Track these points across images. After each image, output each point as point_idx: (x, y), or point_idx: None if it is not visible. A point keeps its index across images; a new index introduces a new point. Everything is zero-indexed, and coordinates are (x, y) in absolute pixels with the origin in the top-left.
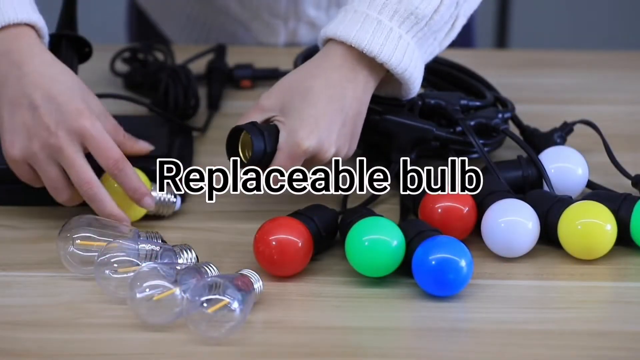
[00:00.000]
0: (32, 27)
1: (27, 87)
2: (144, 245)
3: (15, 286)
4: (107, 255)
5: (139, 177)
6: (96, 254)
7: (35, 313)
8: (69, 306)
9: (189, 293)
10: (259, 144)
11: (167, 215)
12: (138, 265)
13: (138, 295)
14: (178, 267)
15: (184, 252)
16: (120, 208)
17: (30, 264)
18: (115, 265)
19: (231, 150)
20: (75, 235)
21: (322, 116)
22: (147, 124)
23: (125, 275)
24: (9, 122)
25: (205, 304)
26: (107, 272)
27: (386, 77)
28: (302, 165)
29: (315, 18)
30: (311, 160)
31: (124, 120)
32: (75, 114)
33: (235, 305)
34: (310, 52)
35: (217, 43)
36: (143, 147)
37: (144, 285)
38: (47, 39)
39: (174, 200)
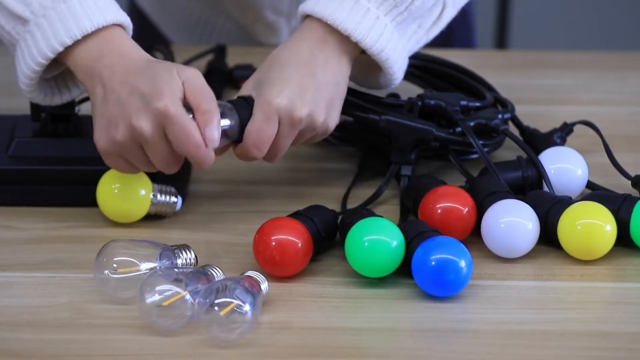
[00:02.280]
0: (119, 25)
1: (116, 85)
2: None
3: (16, 287)
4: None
5: (218, 136)
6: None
7: (35, 313)
8: (69, 307)
9: (199, 297)
10: (239, 114)
11: (168, 215)
12: (137, 265)
13: (147, 300)
14: (183, 271)
15: (183, 252)
16: (121, 211)
17: (30, 265)
18: (114, 265)
19: None
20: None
21: (290, 78)
22: None
23: (125, 275)
24: (100, 119)
25: (217, 307)
26: (106, 272)
27: (366, 63)
28: (282, 133)
29: None
30: (285, 124)
31: None
32: (157, 93)
33: (247, 307)
34: None
35: (217, 44)
36: (208, 134)
37: (154, 290)
38: (131, 33)
39: (175, 200)
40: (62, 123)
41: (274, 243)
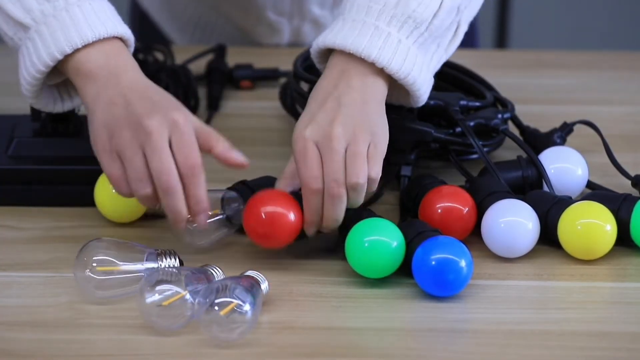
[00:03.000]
0: (119, 38)
1: (124, 89)
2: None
3: (15, 286)
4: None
5: (206, 192)
6: (114, 277)
7: (35, 313)
8: (69, 306)
9: (199, 296)
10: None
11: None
12: (118, 265)
13: (147, 300)
14: (184, 271)
15: (168, 257)
16: (118, 211)
17: (30, 264)
18: (94, 264)
19: None
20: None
21: (317, 111)
22: None
23: (106, 277)
24: (102, 119)
25: (217, 307)
26: (87, 272)
27: (392, 84)
28: (326, 158)
29: (320, 17)
30: (325, 148)
31: None
32: (172, 106)
33: (247, 307)
34: (309, 54)
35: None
36: (237, 158)
37: (154, 289)
38: (133, 47)
39: None
40: (62, 123)
41: (264, 215)
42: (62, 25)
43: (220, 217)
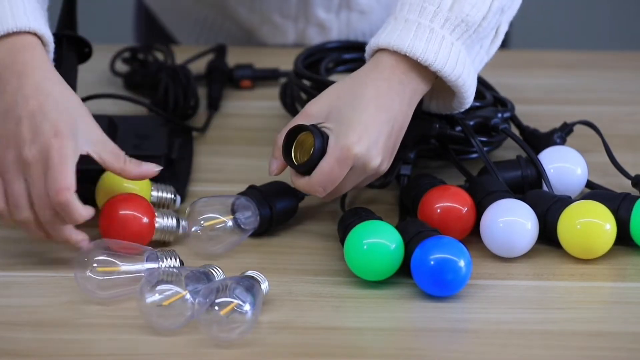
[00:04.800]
0: (36, 35)
1: (20, 99)
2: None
3: (15, 286)
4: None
5: (78, 219)
6: (115, 277)
7: (35, 313)
8: (69, 306)
9: (199, 296)
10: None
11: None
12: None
13: (147, 300)
14: (185, 271)
15: (167, 258)
16: None
17: (30, 264)
18: (95, 265)
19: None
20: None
21: (371, 124)
22: (146, 124)
23: (106, 277)
24: None
25: (217, 307)
26: (88, 272)
27: (437, 89)
28: (350, 177)
29: (325, 20)
30: (355, 171)
31: (124, 121)
32: (52, 132)
33: (247, 307)
34: (310, 52)
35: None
36: (147, 170)
37: (154, 289)
38: (52, 47)
39: (174, 199)
40: None
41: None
42: None
43: (231, 223)
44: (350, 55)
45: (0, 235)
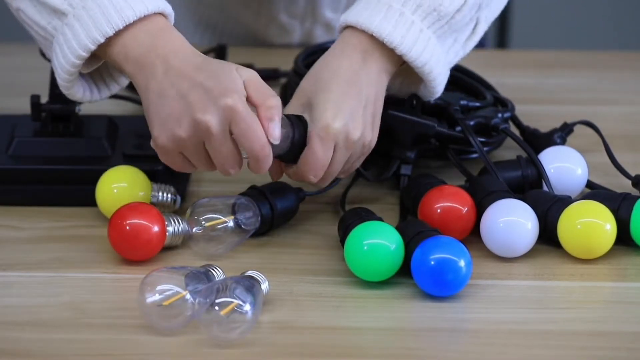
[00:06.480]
0: (161, 14)
1: (173, 78)
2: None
3: (16, 286)
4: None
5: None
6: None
7: (35, 313)
8: (69, 306)
9: (199, 296)
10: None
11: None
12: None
13: (148, 300)
14: (184, 271)
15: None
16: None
17: (30, 264)
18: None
19: None
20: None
21: (342, 100)
22: (147, 124)
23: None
24: (155, 112)
25: (217, 307)
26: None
27: (406, 75)
28: (337, 156)
29: (332, 20)
30: (339, 148)
31: (124, 121)
32: (224, 89)
33: (247, 307)
34: (310, 52)
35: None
36: (270, 130)
37: (154, 289)
38: (173, 20)
39: (175, 199)
40: (62, 123)
41: (127, 227)
42: (101, 7)
43: (232, 223)
44: None
45: (1, 235)
